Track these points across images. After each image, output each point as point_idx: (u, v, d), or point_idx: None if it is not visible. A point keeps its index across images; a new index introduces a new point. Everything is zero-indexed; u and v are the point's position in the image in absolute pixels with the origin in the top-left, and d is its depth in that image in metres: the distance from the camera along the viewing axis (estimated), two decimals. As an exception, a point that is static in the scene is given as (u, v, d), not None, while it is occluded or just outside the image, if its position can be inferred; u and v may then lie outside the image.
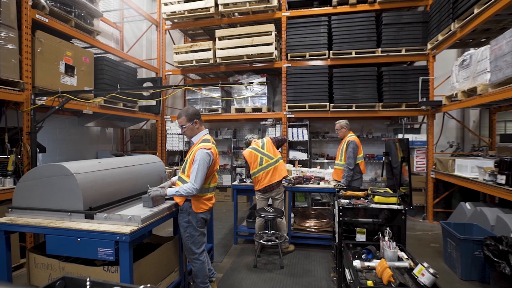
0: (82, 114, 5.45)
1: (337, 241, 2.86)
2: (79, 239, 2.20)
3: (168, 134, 7.16)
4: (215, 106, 6.76)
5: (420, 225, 5.33)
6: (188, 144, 6.94)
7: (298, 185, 4.25)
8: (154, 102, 6.45)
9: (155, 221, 2.46)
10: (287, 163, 5.44)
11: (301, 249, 4.20)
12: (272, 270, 3.60)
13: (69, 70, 4.45)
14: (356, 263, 2.13)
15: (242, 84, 5.91)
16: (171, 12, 6.48)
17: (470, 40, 5.16)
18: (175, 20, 6.78)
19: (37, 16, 3.91)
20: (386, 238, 2.32)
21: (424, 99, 5.32)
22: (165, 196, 2.65)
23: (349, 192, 3.25)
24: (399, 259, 2.20)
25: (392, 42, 5.61)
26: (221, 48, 6.25)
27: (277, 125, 6.45)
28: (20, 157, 3.74)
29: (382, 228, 2.58)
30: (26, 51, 3.80)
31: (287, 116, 6.25)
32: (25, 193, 2.51)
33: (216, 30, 6.37)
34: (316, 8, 6.10)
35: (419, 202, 5.72)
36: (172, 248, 2.91)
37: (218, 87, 6.65)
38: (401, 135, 5.67)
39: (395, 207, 2.64)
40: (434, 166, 5.36)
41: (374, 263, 2.13)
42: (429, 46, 5.37)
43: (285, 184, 4.18)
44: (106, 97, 4.32)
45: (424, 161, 5.58)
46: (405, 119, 5.80)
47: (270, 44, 5.95)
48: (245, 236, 4.55)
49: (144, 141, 7.63)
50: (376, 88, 5.76)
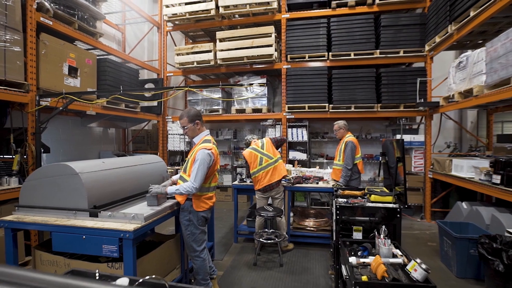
0: (85, 114, 5.52)
1: (334, 239, 2.93)
2: (84, 237, 2.28)
3: (169, 134, 7.22)
4: (216, 107, 6.84)
5: (418, 224, 5.39)
6: (190, 144, 7.01)
7: (297, 185, 4.32)
8: (155, 103, 6.53)
9: (157, 219, 2.54)
10: (286, 163, 5.51)
11: (300, 247, 4.27)
12: (272, 268, 3.67)
13: (73, 71, 4.52)
14: (352, 260, 2.20)
15: (242, 85, 5.98)
16: (172, 14, 6.55)
17: (467, 42, 5.22)
18: (176, 22, 6.86)
19: (41, 19, 3.98)
20: (382, 236, 2.39)
21: (422, 100, 5.38)
22: (166, 194, 2.71)
23: (346, 192, 3.32)
24: (394, 256, 2.27)
25: (390, 44, 5.67)
26: (222, 50, 6.32)
27: (277, 126, 6.52)
28: (25, 157, 3.82)
29: (378, 226, 2.65)
30: (30, 53, 3.87)
31: (287, 117, 6.32)
32: (31, 192, 2.58)
33: (216, 32, 6.45)
34: (315, 10, 6.17)
35: (417, 202, 5.77)
36: (174, 246, 2.98)
37: (218, 88, 6.72)
38: (399, 136, 5.73)
39: (391, 205, 2.71)
40: (431, 166, 5.41)
41: (369, 259, 2.20)
42: (426, 47, 5.43)
43: (285, 184, 4.25)
44: (109, 98, 4.40)
45: (422, 161, 5.64)
46: (403, 119, 5.87)
47: (270, 45, 6.02)
48: (245, 235, 4.63)
49: (146, 142, 7.70)
50: (374, 89, 5.82)
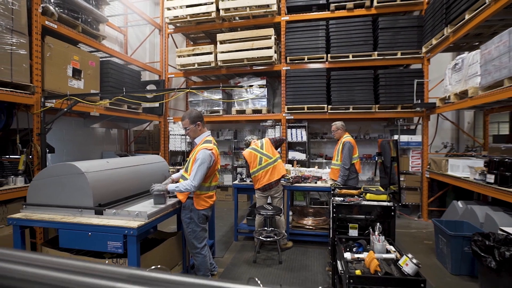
0: (88, 115, 5.63)
1: (331, 236, 3.03)
2: (89, 233, 2.37)
3: (170, 135, 7.31)
4: (216, 108, 6.93)
5: (415, 223, 5.48)
6: (191, 144, 7.11)
7: (296, 184, 4.41)
8: (157, 104, 6.63)
9: (160, 216, 2.63)
10: (286, 163, 5.60)
11: (299, 245, 4.35)
12: (271, 265, 3.76)
13: (76, 73, 4.62)
14: (347, 255, 2.29)
15: (242, 87, 6.07)
16: (174, 16, 6.66)
17: (464, 44, 5.30)
18: (178, 24, 6.95)
19: (46, 22, 4.08)
20: (376, 233, 2.48)
21: (419, 101, 5.47)
22: (166, 192, 2.80)
23: (344, 190, 3.41)
24: (388, 252, 2.36)
25: (388, 46, 5.76)
26: (222, 52, 6.41)
27: (276, 126, 6.61)
28: (30, 157, 3.92)
29: (373, 223, 2.74)
30: (36, 56, 3.97)
31: (286, 118, 6.41)
32: (38, 190, 2.68)
33: (217, 34, 6.55)
34: (314, 13, 6.27)
35: (415, 201, 5.85)
36: (175, 243, 3.08)
37: (219, 90, 6.82)
38: (397, 136, 5.82)
39: (385, 204, 2.80)
40: (428, 166, 5.50)
41: (363, 255, 2.29)
42: (424, 49, 5.51)
43: (284, 183, 4.34)
44: (112, 99, 4.50)
45: (419, 161, 5.72)
46: (401, 120, 5.95)
47: (270, 47, 6.12)
48: (245, 233, 4.72)
49: (147, 142, 7.80)
50: (372, 90, 5.91)
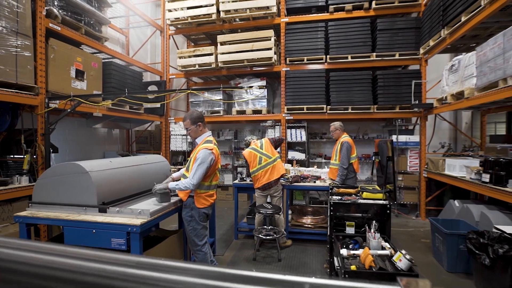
0: (90, 116, 5.71)
1: (328, 233, 3.10)
2: (94, 231, 2.45)
3: (172, 135, 7.39)
4: (217, 108, 7.01)
5: (413, 222, 5.54)
6: (192, 144, 7.19)
7: (295, 184, 4.49)
8: (158, 105, 6.71)
9: (162, 214, 2.71)
10: (285, 163, 5.67)
11: (298, 244, 4.43)
12: (270, 263, 3.83)
13: (79, 75, 4.71)
14: (343, 252, 2.37)
15: (242, 88, 6.15)
16: (175, 18, 6.74)
17: (461, 45, 5.37)
18: (179, 26, 7.03)
19: (50, 25, 4.17)
20: (372, 230, 2.56)
21: (417, 102, 5.54)
22: (168, 190, 2.87)
23: (341, 189, 3.48)
24: (383, 249, 2.44)
25: (386, 47, 5.84)
26: (223, 53, 6.49)
27: (276, 127, 6.68)
28: (35, 156, 4.01)
29: (369, 221, 2.82)
30: (40, 58, 4.06)
31: (286, 118, 6.48)
32: (44, 189, 2.76)
33: (218, 36, 6.62)
34: (313, 15, 6.34)
35: (413, 201, 5.92)
36: (177, 241, 3.15)
37: (219, 90, 6.89)
38: (395, 136, 5.89)
39: (381, 202, 2.87)
40: (426, 166, 5.56)
41: (359, 251, 2.37)
42: (421, 51, 5.58)
43: (283, 183, 4.42)
44: (115, 100, 4.58)
45: (417, 161, 5.79)
46: (399, 120, 6.01)
47: (270, 49, 6.20)
48: (245, 231, 4.79)
49: (149, 142, 7.89)
50: (371, 91, 5.98)
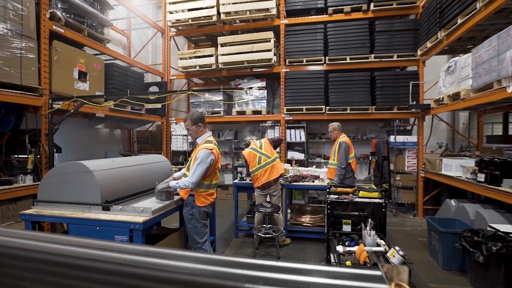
0: (92, 116, 5.79)
1: (326, 231, 3.18)
2: (98, 228, 2.52)
3: (172, 135, 7.47)
4: (217, 109, 7.09)
5: (410, 221, 5.61)
6: (193, 144, 7.27)
7: (294, 183, 4.56)
8: (159, 105, 6.79)
9: (164, 212, 2.78)
10: (285, 163, 5.74)
11: (297, 242, 4.50)
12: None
13: (82, 76, 4.79)
14: (339, 248, 2.45)
15: (242, 89, 6.23)
16: (176, 20, 6.82)
17: (458, 47, 5.44)
18: (180, 27, 7.12)
19: (54, 27, 4.25)
20: (368, 228, 2.63)
21: (414, 102, 5.61)
22: (169, 189, 2.95)
23: (339, 189, 3.55)
24: (378, 245, 2.51)
25: (384, 48, 5.91)
26: (223, 54, 6.57)
27: (276, 127, 6.76)
28: (38, 156, 4.09)
29: (365, 219, 2.89)
30: (44, 60, 4.14)
31: (286, 118, 6.56)
32: (48, 188, 2.83)
33: (218, 37, 6.70)
34: (313, 16, 6.42)
35: (410, 200, 5.98)
36: (178, 239, 3.23)
37: (220, 91, 6.98)
38: (393, 136, 5.96)
39: (377, 200, 2.95)
40: (423, 166, 5.63)
41: (354, 248, 2.44)
42: (419, 52, 5.66)
43: (282, 182, 4.50)
44: (117, 101, 4.66)
45: (415, 161, 5.86)
46: (397, 121, 6.08)
47: (269, 50, 6.28)
48: (245, 230, 4.87)
49: (150, 142, 7.97)
50: (369, 92, 6.05)
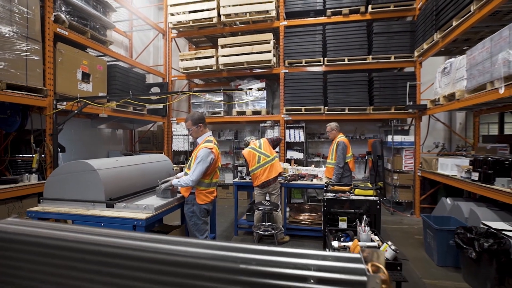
0: (95, 116, 5.90)
1: (322, 228, 3.27)
2: (102, 224, 2.62)
3: (174, 135, 7.57)
4: (218, 109, 7.19)
5: (407, 219, 5.70)
6: (193, 144, 7.38)
7: (293, 182, 4.66)
8: (161, 106, 6.89)
9: (166, 209, 2.88)
10: (284, 163, 5.84)
11: (296, 240, 4.59)
12: (268, 258, 3.99)
13: (85, 77, 4.90)
14: (334, 243, 2.54)
15: (242, 90, 6.34)
16: (177, 21, 6.92)
17: (454, 49, 5.53)
18: (181, 29, 7.22)
19: (58, 29, 4.36)
20: (362, 224, 2.73)
21: (411, 103, 5.70)
22: (170, 187, 3.05)
23: (336, 187, 3.65)
24: (372, 241, 2.61)
25: (382, 50, 6.00)
26: (223, 55, 6.67)
27: (275, 127, 6.86)
28: (43, 156, 4.19)
29: (361, 216, 2.99)
30: (48, 61, 4.25)
31: (285, 119, 6.65)
32: (54, 186, 2.93)
33: (218, 39, 6.81)
34: (312, 18, 6.52)
35: (408, 199, 6.07)
36: (179, 235, 3.33)
37: (220, 92, 7.08)
38: (390, 136, 6.05)
39: (372, 198, 3.04)
40: (420, 165, 5.72)
41: (349, 243, 2.54)
42: (416, 53, 5.75)
43: (281, 181, 4.59)
44: (120, 102, 4.77)
45: (412, 160, 5.95)
46: (395, 121, 6.17)
47: (269, 51, 6.37)
48: (245, 228, 4.96)
49: (151, 142, 8.07)
50: (367, 93, 6.15)
